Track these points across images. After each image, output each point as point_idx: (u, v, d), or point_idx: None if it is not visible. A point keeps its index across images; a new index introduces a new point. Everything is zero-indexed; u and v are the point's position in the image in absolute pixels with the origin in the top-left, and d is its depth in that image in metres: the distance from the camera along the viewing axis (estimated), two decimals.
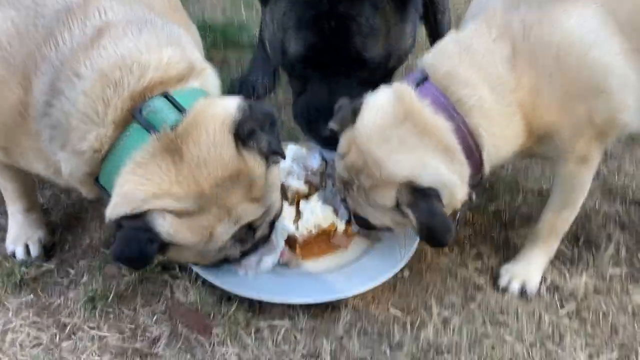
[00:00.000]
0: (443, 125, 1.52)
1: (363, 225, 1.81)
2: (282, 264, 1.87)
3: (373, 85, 2.06)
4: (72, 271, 1.92)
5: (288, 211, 1.90)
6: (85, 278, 1.89)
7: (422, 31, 2.62)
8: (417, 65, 1.69)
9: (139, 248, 1.37)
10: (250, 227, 1.57)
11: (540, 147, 1.68)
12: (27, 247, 1.95)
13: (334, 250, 1.96)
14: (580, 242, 2.13)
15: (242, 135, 1.42)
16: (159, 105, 1.40)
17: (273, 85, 2.99)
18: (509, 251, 2.10)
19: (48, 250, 1.98)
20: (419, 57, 1.71)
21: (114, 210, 1.37)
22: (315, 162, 1.97)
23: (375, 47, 1.95)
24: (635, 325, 1.85)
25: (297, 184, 1.92)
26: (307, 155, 1.99)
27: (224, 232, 1.48)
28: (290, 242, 1.89)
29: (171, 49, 1.47)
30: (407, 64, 2.41)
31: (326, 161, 2.01)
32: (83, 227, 2.10)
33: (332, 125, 1.68)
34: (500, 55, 1.52)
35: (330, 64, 1.95)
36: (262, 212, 1.55)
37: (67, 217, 2.14)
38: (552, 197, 1.86)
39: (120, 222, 1.38)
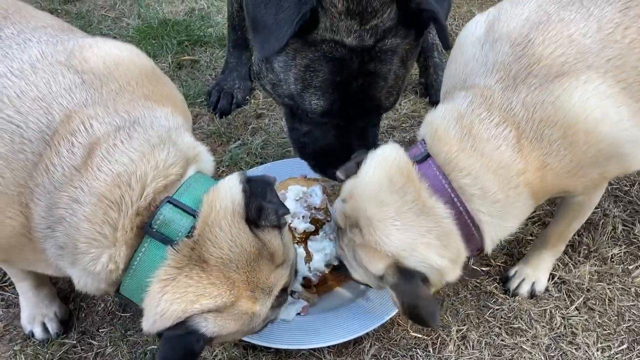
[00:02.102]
0: (441, 211, 1.49)
1: (344, 273, 1.78)
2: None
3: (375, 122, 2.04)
4: (94, 342, 1.94)
5: (298, 253, 1.92)
6: (109, 349, 1.91)
7: None
8: (417, 137, 1.67)
9: (185, 351, 1.39)
10: (284, 289, 1.60)
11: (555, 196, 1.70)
12: (44, 325, 1.95)
13: (349, 279, 1.99)
14: None
15: (253, 218, 1.43)
16: (169, 215, 1.38)
17: (250, 86, 2.92)
18: (511, 245, 2.17)
19: (66, 322, 1.99)
20: None
21: (153, 326, 1.38)
22: (317, 199, 1.96)
23: (395, 95, 1.92)
24: (639, 306, 1.96)
25: (303, 225, 1.92)
26: (308, 192, 1.99)
27: (263, 307, 1.50)
28: (305, 282, 1.92)
29: (164, 150, 1.43)
30: None
31: (327, 194, 2.01)
32: None
33: (339, 174, 1.67)
34: (505, 140, 1.47)
35: (348, 115, 1.89)
36: (288, 272, 1.58)
37: None
38: (563, 213, 1.89)
39: (161, 333, 1.39)
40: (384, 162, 1.55)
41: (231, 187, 1.46)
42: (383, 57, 1.77)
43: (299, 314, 1.91)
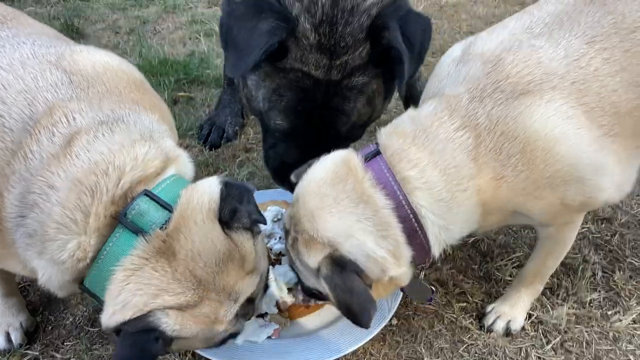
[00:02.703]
0: (381, 199, 1.48)
1: (309, 294, 1.74)
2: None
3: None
4: (58, 355, 1.88)
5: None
6: None
7: None
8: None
9: (143, 350, 1.34)
10: (250, 300, 1.57)
11: (517, 220, 1.68)
12: (7, 335, 1.90)
13: (321, 305, 1.97)
14: (558, 268, 2.17)
15: (226, 218, 1.43)
16: (145, 207, 1.38)
17: (242, 123, 2.98)
18: (490, 284, 2.16)
19: (31, 334, 1.94)
20: None
21: (111, 318, 1.34)
22: None
23: (359, 130, 1.97)
24: (617, 351, 1.92)
25: (280, 246, 1.92)
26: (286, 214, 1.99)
27: (228, 313, 1.47)
28: (279, 305, 1.89)
29: (145, 146, 1.45)
30: None
31: None
32: (65, 305, 2.05)
33: (292, 177, 1.68)
34: (461, 144, 1.50)
35: (310, 140, 1.94)
36: (257, 281, 1.55)
37: (47, 295, 2.09)
38: (537, 249, 1.89)
39: (119, 328, 1.35)
40: (331, 160, 1.58)
41: (210, 186, 1.47)
42: (348, 95, 1.82)
43: (270, 337, 1.87)
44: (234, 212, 1.44)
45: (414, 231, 1.53)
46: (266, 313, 1.89)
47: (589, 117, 1.48)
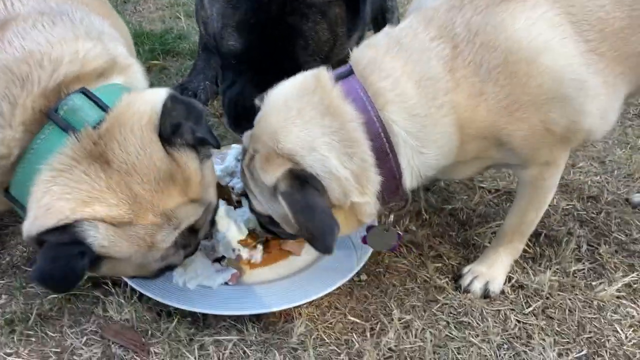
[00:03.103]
0: (350, 114, 1.36)
1: (266, 227, 1.61)
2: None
3: None
4: None
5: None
6: (3, 299, 1.68)
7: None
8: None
9: (67, 265, 1.18)
10: (193, 230, 1.42)
11: (497, 155, 1.54)
12: None
13: (285, 256, 1.81)
14: (541, 239, 2.06)
15: (166, 133, 1.29)
16: (78, 102, 1.25)
17: (215, 90, 2.85)
18: (468, 250, 2.01)
19: None
20: None
21: (33, 224, 1.18)
22: None
23: (316, 59, 1.84)
24: (602, 319, 1.77)
25: (242, 186, 1.76)
26: None
27: (165, 239, 1.32)
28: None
29: (89, 42, 1.32)
30: None
31: None
32: (2, 244, 1.88)
33: (257, 102, 1.53)
34: (437, 55, 1.38)
35: (264, 67, 1.82)
36: (202, 211, 1.40)
37: None
38: (517, 200, 1.76)
39: (42, 238, 1.19)
40: (300, 76, 1.47)
41: (155, 96, 1.33)
42: (306, 12, 1.71)
43: (227, 283, 1.70)
44: (177, 127, 1.29)
45: (384, 153, 1.39)
46: (223, 257, 1.72)
47: (575, 29, 1.38)
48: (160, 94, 1.33)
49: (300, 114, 1.37)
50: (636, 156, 2.55)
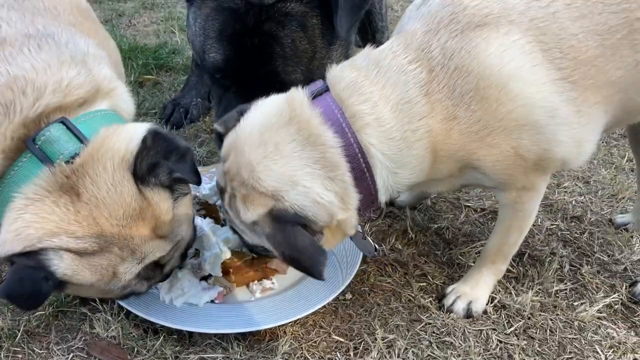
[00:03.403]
0: (330, 139, 1.38)
1: (256, 252, 1.65)
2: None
3: None
4: None
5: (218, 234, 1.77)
6: None
7: None
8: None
9: (32, 286, 1.23)
10: (157, 264, 1.45)
11: (470, 176, 1.56)
12: None
13: (271, 275, 1.83)
14: (525, 258, 2.09)
15: (141, 172, 1.31)
16: (56, 134, 1.28)
17: (207, 106, 2.88)
18: (452, 269, 2.04)
19: None
20: None
21: (3, 247, 1.23)
22: None
23: (297, 71, 1.87)
24: (582, 340, 1.80)
25: None
26: None
27: (128, 271, 1.35)
28: (224, 269, 1.75)
29: (74, 69, 1.34)
30: None
31: None
32: None
33: (217, 127, 1.53)
34: (414, 78, 1.41)
35: (247, 79, 1.85)
36: (169, 247, 1.43)
37: None
38: (499, 221, 1.78)
39: (11, 259, 1.24)
40: (272, 101, 1.46)
41: (134, 132, 1.35)
42: (282, 20, 1.75)
43: (213, 301, 1.72)
44: (153, 167, 1.32)
45: (362, 172, 1.42)
46: (210, 275, 1.75)
47: (547, 57, 1.40)
48: (139, 131, 1.35)
49: (278, 149, 1.37)
50: (620, 176, 2.60)
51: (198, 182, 1.43)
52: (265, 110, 1.45)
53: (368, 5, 1.92)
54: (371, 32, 2.66)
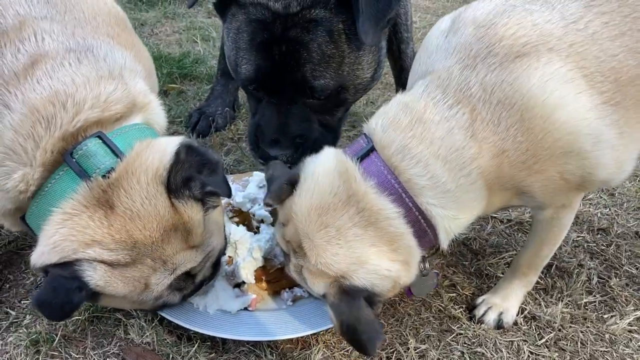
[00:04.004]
0: (390, 211, 1.38)
1: None
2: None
3: (326, 113, 2.01)
4: (12, 312, 1.73)
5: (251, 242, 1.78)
6: (27, 319, 1.71)
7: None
8: (363, 130, 1.54)
9: (65, 295, 1.25)
10: (189, 275, 1.46)
11: (518, 201, 1.58)
12: None
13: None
14: (552, 270, 2.09)
15: (174, 185, 1.33)
16: (93, 148, 1.31)
17: (233, 115, 2.90)
18: (481, 280, 2.04)
19: None
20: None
21: (39, 258, 1.26)
22: None
23: (326, 76, 1.89)
24: (614, 353, 1.79)
25: (262, 213, 1.80)
26: None
27: (160, 282, 1.37)
28: (257, 275, 1.76)
29: (112, 84, 1.37)
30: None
31: None
32: (26, 265, 1.92)
33: (268, 201, 1.50)
34: (457, 122, 1.39)
35: (278, 89, 1.88)
36: (201, 258, 1.45)
37: (8, 254, 1.96)
38: (532, 235, 1.79)
39: (46, 269, 1.27)
40: (324, 176, 1.43)
41: (167, 146, 1.37)
42: (307, 26, 1.79)
43: (246, 308, 1.73)
44: (186, 181, 1.34)
45: (424, 232, 1.44)
46: (243, 282, 1.76)
47: (589, 82, 1.39)
48: (172, 145, 1.37)
49: (340, 232, 1.38)
50: None
51: (229, 195, 1.45)
52: (320, 189, 1.42)
53: (392, 12, 1.92)
54: (396, 43, 2.67)
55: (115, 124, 1.38)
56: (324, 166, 1.46)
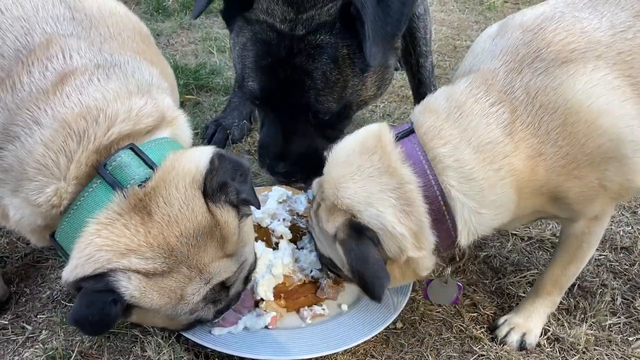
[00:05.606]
0: (407, 175, 1.42)
1: (328, 267, 1.68)
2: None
3: (329, 127, 2.00)
4: (29, 327, 1.72)
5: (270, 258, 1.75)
6: (44, 334, 1.69)
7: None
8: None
9: (101, 310, 1.23)
10: (224, 286, 1.45)
11: (551, 209, 1.57)
12: None
13: (321, 301, 1.81)
14: (575, 289, 2.04)
15: (211, 190, 1.34)
16: (126, 160, 1.30)
17: (249, 127, 2.89)
18: (502, 299, 2.00)
19: (2, 304, 1.77)
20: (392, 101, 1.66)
21: (72, 272, 1.24)
22: (300, 206, 1.84)
23: (330, 100, 1.89)
24: None
25: (282, 229, 1.78)
26: (293, 198, 1.87)
27: (195, 293, 1.36)
28: (276, 293, 1.73)
29: (142, 99, 1.37)
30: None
31: None
32: (43, 278, 1.91)
33: (325, 153, 1.60)
34: (497, 119, 1.41)
35: (283, 108, 1.89)
36: (235, 268, 1.44)
37: (24, 267, 1.95)
38: (560, 252, 1.76)
39: (79, 284, 1.24)
40: (363, 131, 1.54)
41: (201, 154, 1.38)
42: (312, 53, 1.76)
43: (266, 327, 1.70)
44: (223, 186, 1.35)
45: (442, 214, 1.44)
46: (262, 299, 1.73)
47: (635, 90, 1.40)
48: (206, 153, 1.38)
49: (359, 170, 1.45)
50: None
51: (258, 206, 1.45)
52: (355, 138, 1.55)
53: (401, 33, 1.92)
54: (415, 57, 2.65)
55: (146, 136, 1.38)
56: (367, 128, 1.57)
